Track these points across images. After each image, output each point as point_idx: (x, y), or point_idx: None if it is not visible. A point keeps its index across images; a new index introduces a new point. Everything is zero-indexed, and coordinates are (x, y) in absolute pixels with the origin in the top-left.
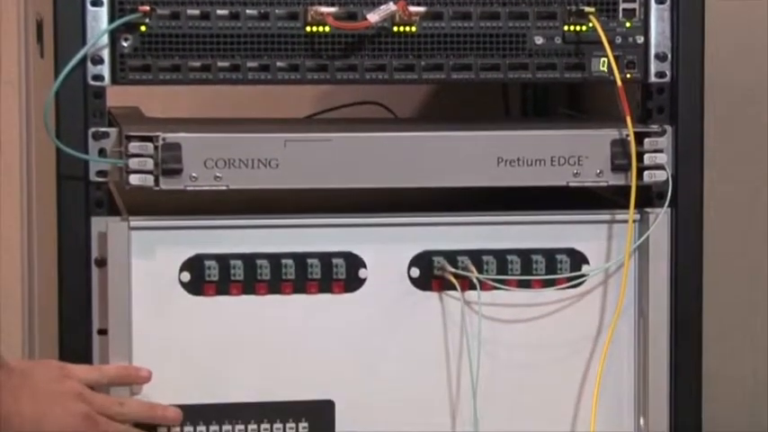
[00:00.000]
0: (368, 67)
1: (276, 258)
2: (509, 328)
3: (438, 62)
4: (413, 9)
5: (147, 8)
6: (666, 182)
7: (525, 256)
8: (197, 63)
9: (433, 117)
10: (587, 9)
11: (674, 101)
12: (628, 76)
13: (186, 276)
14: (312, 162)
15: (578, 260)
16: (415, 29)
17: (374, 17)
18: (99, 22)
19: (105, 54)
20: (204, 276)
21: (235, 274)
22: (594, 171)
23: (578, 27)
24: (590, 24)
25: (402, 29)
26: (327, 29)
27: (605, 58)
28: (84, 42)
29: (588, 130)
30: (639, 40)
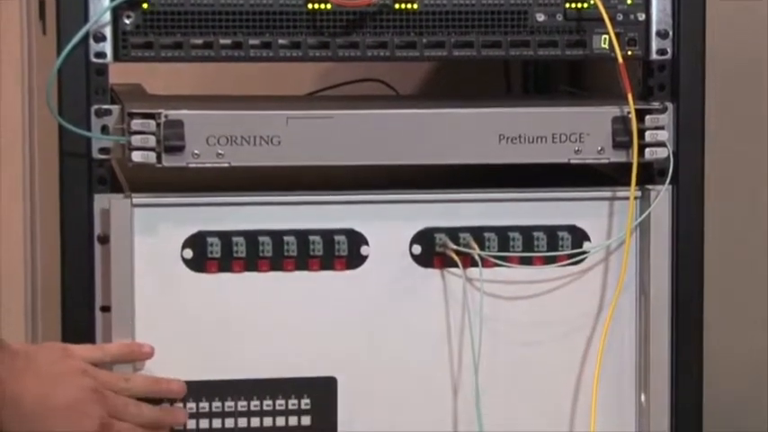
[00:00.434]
0: (369, 45)
1: (278, 235)
2: (510, 304)
3: (439, 39)
4: None
5: None
6: (667, 159)
7: (527, 233)
8: (199, 40)
9: (434, 94)
10: None
11: (675, 78)
12: (629, 53)
13: (189, 253)
14: (314, 139)
15: (579, 237)
16: (416, 6)
17: None
18: None
19: (107, 31)
20: (206, 253)
21: (237, 251)
22: (596, 148)
23: (579, 4)
24: (591, 1)
25: (403, 6)
26: (329, 6)
27: (606, 36)
28: (87, 20)
29: (589, 107)
30: (641, 17)
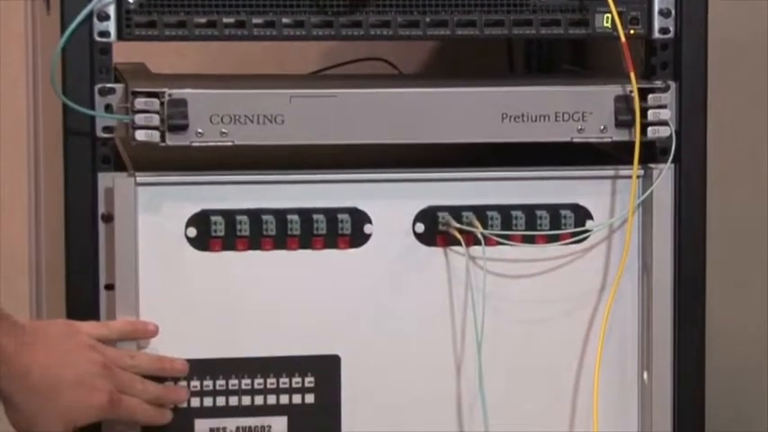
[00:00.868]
0: (373, 24)
1: (282, 214)
2: (513, 283)
3: (443, 18)
4: None
5: None
6: (670, 137)
7: (530, 211)
8: (203, 19)
9: (437, 73)
10: None
11: (677, 57)
12: (631, 32)
13: (192, 232)
14: (317, 118)
15: (582, 216)
16: None
17: None
18: None
19: (111, 10)
20: (210, 232)
21: (241, 229)
22: (598, 127)
23: None
24: None
25: None
26: None
27: (609, 14)
28: None
29: (592, 86)
30: None
